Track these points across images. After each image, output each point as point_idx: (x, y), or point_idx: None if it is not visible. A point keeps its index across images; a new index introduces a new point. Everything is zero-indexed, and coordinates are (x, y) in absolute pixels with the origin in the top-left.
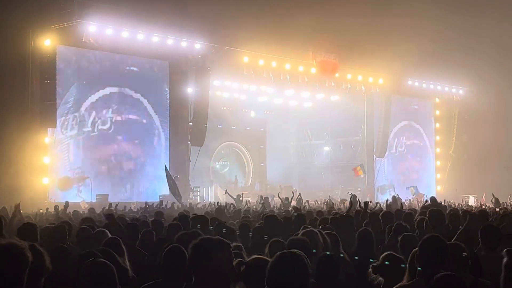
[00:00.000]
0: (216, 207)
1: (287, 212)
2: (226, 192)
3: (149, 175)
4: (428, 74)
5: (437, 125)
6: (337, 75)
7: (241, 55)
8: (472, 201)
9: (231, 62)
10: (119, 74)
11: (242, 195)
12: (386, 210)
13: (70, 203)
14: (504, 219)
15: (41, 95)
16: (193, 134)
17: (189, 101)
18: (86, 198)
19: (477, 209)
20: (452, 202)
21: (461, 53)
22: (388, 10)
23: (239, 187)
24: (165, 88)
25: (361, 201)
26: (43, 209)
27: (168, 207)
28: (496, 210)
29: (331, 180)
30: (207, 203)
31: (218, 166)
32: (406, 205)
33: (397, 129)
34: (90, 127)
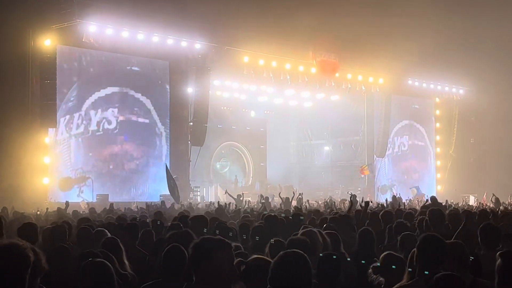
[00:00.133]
0: (216, 207)
1: (287, 212)
2: (226, 192)
3: (151, 175)
4: (428, 74)
5: (437, 124)
6: (337, 75)
7: (241, 55)
8: (472, 201)
9: (231, 62)
10: (120, 73)
11: (243, 195)
12: (387, 209)
13: (70, 203)
14: (504, 219)
15: (41, 95)
16: (193, 134)
17: (189, 101)
18: (87, 199)
19: (477, 208)
20: (452, 202)
21: (461, 53)
22: (388, 10)
23: (239, 187)
24: (165, 88)
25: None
26: (43, 209)
27: (168, 207)
28: (496, 210)
29: (331, 180)
30: (207, 203)
31: (218, 166)
32: (406, 204)
33: (397, 128)
34: (94, 127)
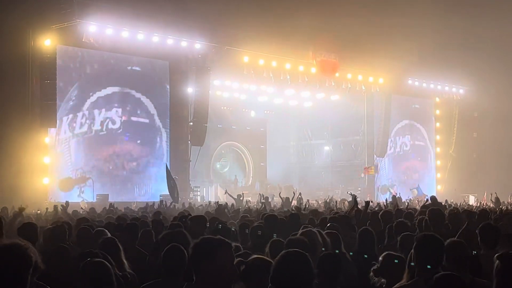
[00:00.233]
0: (216, 207)
1: (287, 212)
2: (226, 192)
3: (151, 175)
4: (428, 74)
5: (437, 124)
6: (337, 74)
7: (241, 55)
8: (472, 201)
9: (231, 62)
10: (120, 73)
11: (243, 194)
12: (387, 209)
13: (71, 203)
14: (503, 218)
15: (41, 95)
16: (193, 134)
17: (189, 101)
18: (88, 199)
19: (477, 208)
20: (452, 201)
21: (461, 53)
22: (388, 10)
23: (239, 187)
24: (165, 88)
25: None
26: (43, 209)
27: (167, 206)
28: (496, 209)
29: (331, 179)
30: (207, 202)
31: (218, 166)
32: (406, 204)
33: (397, 128)
34: (98, 126)
